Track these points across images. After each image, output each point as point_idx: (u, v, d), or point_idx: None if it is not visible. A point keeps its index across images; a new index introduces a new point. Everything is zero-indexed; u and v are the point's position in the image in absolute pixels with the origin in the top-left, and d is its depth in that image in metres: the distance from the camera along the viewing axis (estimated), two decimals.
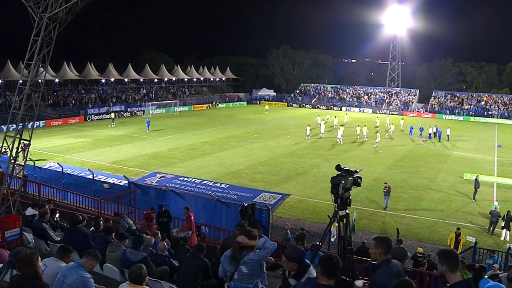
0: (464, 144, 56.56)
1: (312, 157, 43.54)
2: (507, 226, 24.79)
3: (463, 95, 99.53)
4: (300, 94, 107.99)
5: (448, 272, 5.38)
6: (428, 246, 22.79)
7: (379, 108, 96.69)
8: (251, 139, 52.83)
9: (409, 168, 41.01)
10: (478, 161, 45.45)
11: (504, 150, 52.64)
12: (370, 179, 34.38)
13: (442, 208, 29.98)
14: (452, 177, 38.19)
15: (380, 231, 25.23)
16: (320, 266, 5.31)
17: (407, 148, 51.53)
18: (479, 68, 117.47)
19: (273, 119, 74.90)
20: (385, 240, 6.52)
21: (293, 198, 28.44)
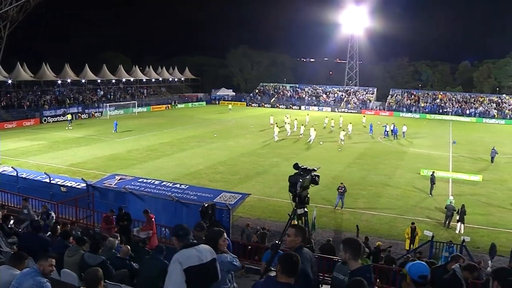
0: (421, 141, 57.74)
1: (272, 156, 43.71)
2: (462, 219, 25.49)
3: (419, 93, 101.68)
4: (259, 94, 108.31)
5: (351, 259, 5.75)
6: (387, 241, 23.16)
7: (338, 106, 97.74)
8: (210, 139, 52.68)
9: (367, 165, 41.61)
10: (434, 158, 46.47)
11: (459, 146, 53.93)
12: (330, 177, 34.69)
13: (400, 204, 30.57)
14: (410, 173, 38.95)
15: (340, 229, 25.57)
16: (280, 265, 5.30)
17: (366, 145, 52.29)
18: (433, 67, 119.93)
19: (233, 119, 74.88)
20: (303, 229, 6.81)
21: (253, 198, 28.42)
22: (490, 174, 40.00)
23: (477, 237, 24.41)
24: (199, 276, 5.86)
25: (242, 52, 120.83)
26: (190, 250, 6.00)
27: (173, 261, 5.88)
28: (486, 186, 36.00)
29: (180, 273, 5.74)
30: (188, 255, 5.91)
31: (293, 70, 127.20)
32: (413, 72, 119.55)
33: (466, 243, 20.06)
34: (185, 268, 5.77)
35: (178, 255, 5.93)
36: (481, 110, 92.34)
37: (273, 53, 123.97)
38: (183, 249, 6.02)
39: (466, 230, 25.46)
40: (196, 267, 5.84)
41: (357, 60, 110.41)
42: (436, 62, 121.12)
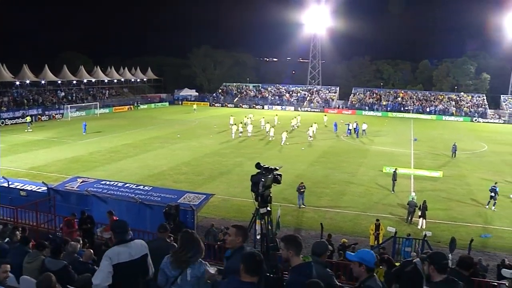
0: (383, 139, 58.56)
1: (236, 156, 43.67)
2: (423, 215, 25.97)
3: (381, 92, 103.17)
4: (222, 94, 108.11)
5: (294, 256, 5.84)
6: (352, 238, 23.44)
7: (301, 105, 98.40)
8: (174, 140, 52.31)
9: (331, 163, 41.96)
10: (396, 155, 47.17)
11: (420, 143, 54.91)
12: (293, 176, 34.75)
13: (364, 201, 30.93)
14: (372, 170, 39.44)
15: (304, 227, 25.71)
16: (243, 264, 5.27)
17: (329, 144, 52.73)
18: (395, 66, 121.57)
19: (196, 119, 74.49)
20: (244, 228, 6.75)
21: (218, 198, 28.32)
22: (450, 170, 40.86)
23: (438, 232, 24.87)
24: (129, 271, 6.30)
25: (205, 52, 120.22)
26: (121, 247, 6.39)
27: (104, 256, 6.29)
28: (446, 181, 36.76)
29: (108, 268, 6.16)
30: (118, 252, 6.31)
31: (256, 70, 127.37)
32: (375, 71, 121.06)
33: (428, 237, 20.41)
34: (114, 264, 6.18)
35: (109, 251, 6.35)
36: (440, 108, 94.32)
37: (236, 52, 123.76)
38: (116, 245, 6.43)
39: (427, 225, 25.88)
40: (126, 263, 6.27)
41: (320, 59, 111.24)
42: (397, 61, 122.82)
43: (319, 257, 6.57)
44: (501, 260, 19.28)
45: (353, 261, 5.73)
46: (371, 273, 5.67)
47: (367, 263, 5.65)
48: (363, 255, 5.72)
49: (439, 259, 5.99)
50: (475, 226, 27.06)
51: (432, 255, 6.15)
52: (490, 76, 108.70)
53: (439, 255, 6.15)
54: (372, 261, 5.69)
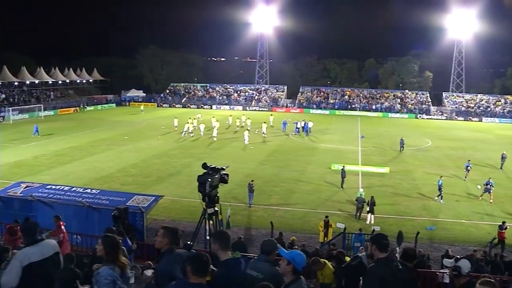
0: (331, 136, 59.36)
1: (184, 157, 43.29)
2: (372, 210, 26.42)
3: (328, 90, 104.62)
4: (170, 94, 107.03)
5: (219, 250, 5.97)
6: (302, 236, 23.60)
7: (249, 105, 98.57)
8: (121, 142, 51.35)
9: (280, 162, 42.15)
10: (344, 152, 47.85)
11: (367, 140, 55.92)
12: (243, 175, 34.77)
13: (313, 198, 31.20)
14: (321, 168, 39.84)
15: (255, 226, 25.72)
16: (190, 265, 5.25)
17: (278, 143, 52.97)
18: (341, 64, 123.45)
19: (144, 120, 73.39)
20: (172, 230, 6.93)
21: (167, 199, 27.97)
22: (396, 165, 41.75)
23: (386, 226, 25.22)
24: (42, 269, 6.52)
25: (152, 52, 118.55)
26: (32, 247, 6.56)
27: (14, 257, 6.60)
28: (393, 177, 37.57)
29: (17, 269, 6.33)
30: (29, 253, 6.50)
31: (204, 70, 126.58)
32: (322, 70, 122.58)
33: (376, 232, 20.71)
34: (25, 265, 6.35)
35: (19, 254, 6.60)
36: (386, 105, 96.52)
37: (184, 52, 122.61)
38: (27, 247, 6.60)
39: (376, 220, 26.35)
40: (38, 262, 6.47)
41: (267, 58, 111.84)
42: (343, 60, 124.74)
43: (268, 255, 6.58)
44: (445, 251, 19.78)
45: (283, 258, 5.75)
46: (297, 276, 5.71)
47: (296, 264, 5.68)
48: (294, 256, 5.77)
49: (380, 239, 6.56)
50: (421, 219, 27.76)
51: (374, 236, 6.81)
52: (433, 74, 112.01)
53: (380, 236, 6.76)
54: (301, 265, 5.72)
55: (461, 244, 23.47)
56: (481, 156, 47.25)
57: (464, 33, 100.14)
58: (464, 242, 23.67)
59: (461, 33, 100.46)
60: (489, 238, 21.52)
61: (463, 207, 30.45)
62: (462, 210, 29.67)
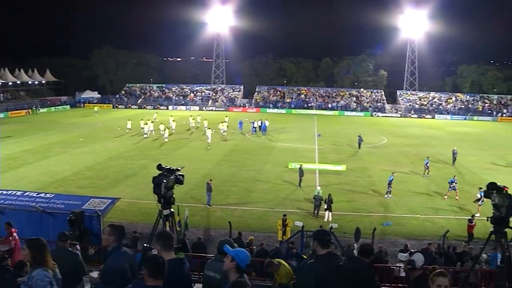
0: (288, 135, 59.61)
1: (141, 158, 42.65)
2: (329, 207, 26.60)
3: (285, 89, 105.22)
4: (125, 95, 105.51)
5: (162, 250, 5.96)
6: (261, 235, 23.53)
7: (205, 105, 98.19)
8: (76, 144, 50.15)
9: (237, 162, 42.04)
10: (301, 151, 48.12)
11: (323, 138, 56.45)
12: (200, 176, 34.55)
13: (271, 197, 31.17)
14: (278, 167, 39.90)
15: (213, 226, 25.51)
16: (146, 268, 5.18)
17: (235, 142, 52.86)
18: (297, 64, 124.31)
19: (99, 122, 72.10)
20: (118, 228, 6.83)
21: (124, 202, 27.52)
22: (353, 163, 42.23)
23: (343, 223, 25.47)
24: None
25: (107, 52, 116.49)
26: None
27: None
28: (349, 174, 37.96)
29: None
30: None
31: (159, 70, 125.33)
32: (278, 69, 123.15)
33: (334, 229, 20.77)
34: None
35: None
36: (342, 104, 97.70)
37: (139, 53, 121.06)
38: None
39: (333, 217, 26.56)
40: None
41: (224, 58, 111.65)
42: (299, 59, 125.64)
43: (225, 255, 6.42)
44: (404, 246, 20.02)
45: (227, 254, 5.73)
46: (240, 274, 5.66)
47: (239, 261, 5.65)
48: (238, 253, 5.74)
49: (321, 236, 6.58)
50: (377, 215, 28.10)
51: (316, 233, 6.71)
52: (387, 73, 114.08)
53: (322, 232, 6.76)
54: (244, 262, 5.69)
55: (417, 238, 23.82)
56: (434, 152, 48.18)
57: (417, 33, 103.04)
58: (420, 236, 24.05)
59: (413, 33, 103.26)
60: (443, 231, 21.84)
61: (418, 202, 30.99)
62: (417, 206, 30.18)
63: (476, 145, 56.12)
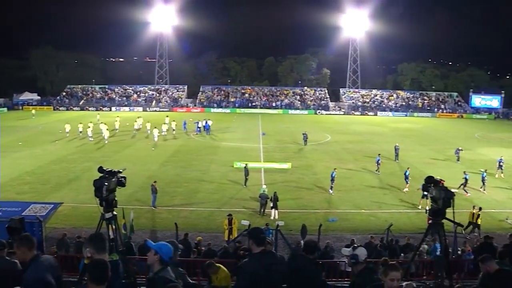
0: (232, 134, 59.62)
1: (84, 161, 41.59)
2: (275, 206, 26.68)
3: (229, 89, 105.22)
4: (67, 97, 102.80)
5: (96, 254, 5.78)
6: (207, 235, 23.34)
7: (149, 106, 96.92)
8: (15, 148, 48.28)
9: (182, 162, 41.68)
10: (246, 150, 48.19)
11: (268, 137, 56.74)
12: (145, 177, 33.98)
13: (217, 197, 31.03)
14: (224, 167, 39.80)
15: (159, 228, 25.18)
16: (88, 273, 5.05)
17: (179, 143, 52.39)
18: (241, 63, 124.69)
19: (39, 125, 69.89)
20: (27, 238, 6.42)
21: (67, 206, 26.73)
22: (297, 161, 42.57)
23: (290, 220, 25.58)
24: None
25: (46, 52, 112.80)
26: None
27: None
28: (295, 172, 38.27)
29: None
30: None
31: (102, 71, 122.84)
32: (222, 69, 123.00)
33: (281, 227, 20.86)
34: None
35: None
36: (286, 102, 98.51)
37: (80, 53, 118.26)
38: None
39: (280, 215, 26.63)
40: None
41: (167, 58, 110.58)
42: (243, 59, 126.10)
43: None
44: (350, 240, 20.30)
45: (151, 248, 5.86)
46: (164, 266, 5.81)
47: (162, 254, 5.82)
48: (161, 246, 5.94)
49: (256, 234, 6.54)
50: (323, 211, 28.43)
51: (251, 231, 6.70)
52: (330, 71, 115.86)
53: (256, 230, 6.74)
54: (167, 255, 5.87)
55: (362, 233, 24.17)
56: (377, 148, 49.22)
57: (358, 32, 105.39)
58: (365, 231, 24.41)
59: (355, 32, 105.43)
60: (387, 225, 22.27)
61: (362, 197, 31.57)
62: (362, 201, 30.74)
63: (417, 141, 57.83)
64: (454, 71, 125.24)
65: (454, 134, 65.58)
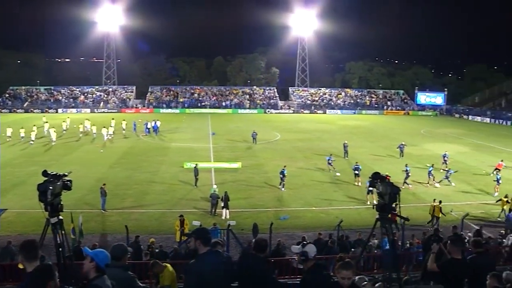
0: (182, 135, 59.24)
1: (29, 165, 40.29)
2: (226, 205, 26.69)
3: (178, 89, 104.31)
4: (9, 98, 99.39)
5: (25, 261, 5.57)
6: (158, 237, 23.09)
7: (97, 107, 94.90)
8: None
9: (132, 164, 41.12)
10: (196, 150, 48.01)
11: (218, 137, 56.67)
12: (94, 180, 33.30)
13: (168, 198, 30.83)
14: (174, 167, 39.50)
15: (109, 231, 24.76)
16: (31, 278, 4.98)
17: (129, 144, 51.63)
18: (190, 63, 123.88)
19: None
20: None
21: (12, 212, 26.02)
22: (248, 160, 42.69)
23: (241, 220, 25.68)
24: None
25: None
26: None
27: None
28: (245, 171, 38.39)
29: None
30: None
31: (47, 71, 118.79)
32: (170, 69, 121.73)
33: (232, 226, 20.88)
34: None
35: None
36: (236, 102, 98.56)
37: (24, 53, 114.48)
38: None
39: (231, 215, 26.65)
40: None
41: (115, 58, 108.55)
42: (192, 58, 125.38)
43: (119, 260, 6.40)
44: (301, 238, 20.45)
45: (87, 255, 5.71)
46: (100, 273, 5.65)
47: (98, 261, 5.65)
48: (98, 253, 5.78)
49: (203, 234, 6.58)
50: (274, 210, 28.67)
51: (197, 231, 6.69)
52: (279, 70, 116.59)
53: (203, 231, 6.82)
54: (104, 261, 5.71)
55: (313, 230, 24.33)
56: (326, 146, 49.95)
57: (306, 31, 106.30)
58: (316, 228, 24.55)
59: (303, 31, 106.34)
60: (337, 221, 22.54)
61: (312, 195, 32.01)
62: (312, 198, 31.16)
63: (365, 138, 58.94)
64: (400, 69, 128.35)
65: (401, 131, 67.19)
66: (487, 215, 28.56)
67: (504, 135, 66.13)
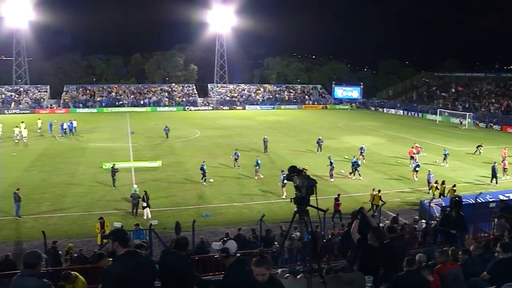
0: (100, 135, 57.81)
1: None
2: (147, 204, 26.35)
3: (94, 88, 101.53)
4: None
5: None
6: (79, 241, 22.57)
7: (8, 108, 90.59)
8: None
9: (48, 166, 39.69)
10: (115, 150, 47.04)
11: (137, 136, 55.76)
12: (6, 185, 31.87)
13: (87, 200, 30.04)
14: (92, 168, 38.52)
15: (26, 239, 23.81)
16: None
17: (44, 146, 49.72)
18: (107, 61, 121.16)
19: None
20: None
21: None
22: (168, 158, 42.41)
23: (163, 219, 25.51)
24: None
25: None
26: None
27: None
28: (166, 170, 38.07)
29: None
30: None
31: None
32: (86, 67, 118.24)
33: (154, 226, 20.67)
34: None
35: None
36: (154, 100, 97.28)
37: None
38: None
39: (153, 214, 26.38)
40: None
41: (26, 56, 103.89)
42: (108, 56, 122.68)
43: (33, 268, 6.23)
44: (225, 234, 20.56)
45: None
46: None
47: None
48: None
49: (121, 235, 6.51)
50: (197, 207, 28.68)
51: (114, 233, 6.59)
52: (198, 67, 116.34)
53: (120, 232, 6.66)
54: None
55: (235, 225, 24.44)
56: (246, 141, 50.40)
57: (225, 27, 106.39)
58: (239, 223, 24.77)
59: (221, 27, 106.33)
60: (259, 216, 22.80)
61: (234, 191, 32.27)
62: (234, 194, 31.42)
63: (285, 132, 59.95)
64: (317, 64, 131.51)
65: (319, 125, 68.86)
66: (403, 203, 29.89)
67: (416, 126, 69.44)
